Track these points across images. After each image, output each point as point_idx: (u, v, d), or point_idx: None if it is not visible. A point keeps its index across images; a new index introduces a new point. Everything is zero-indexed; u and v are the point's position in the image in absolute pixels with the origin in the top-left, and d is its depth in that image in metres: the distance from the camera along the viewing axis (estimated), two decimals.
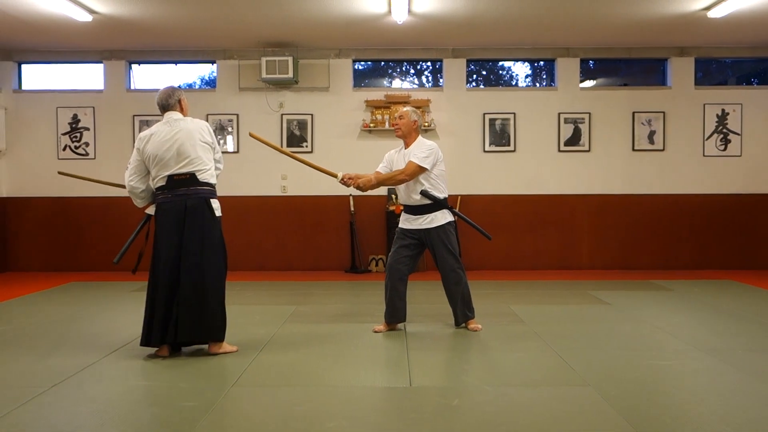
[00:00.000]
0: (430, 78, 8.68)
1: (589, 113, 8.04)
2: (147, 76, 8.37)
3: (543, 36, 7.50)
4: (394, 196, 7.64)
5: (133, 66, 8.28)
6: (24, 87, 8.28)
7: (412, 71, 8.74)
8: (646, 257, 8.04)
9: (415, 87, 8.61)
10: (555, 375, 3.48)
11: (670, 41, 7.75)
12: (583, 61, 8.22)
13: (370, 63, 8.50)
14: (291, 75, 7.53)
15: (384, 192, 7.74)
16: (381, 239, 7.97)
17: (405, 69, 8.70)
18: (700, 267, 7.99)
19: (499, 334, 4.44)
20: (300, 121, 8.05)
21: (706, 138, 8.07)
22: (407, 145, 4.52)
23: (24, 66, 8.28)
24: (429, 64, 8.55)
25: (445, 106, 8.03)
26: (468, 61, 8.15)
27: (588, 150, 8.06)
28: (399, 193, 4.62)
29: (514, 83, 8.67)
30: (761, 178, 8.06)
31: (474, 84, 8.53)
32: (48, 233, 8.11)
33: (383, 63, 8.54)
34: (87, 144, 8.11)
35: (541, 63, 8.51)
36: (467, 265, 4.73)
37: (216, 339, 3.87)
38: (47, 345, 4.18)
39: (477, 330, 4.52)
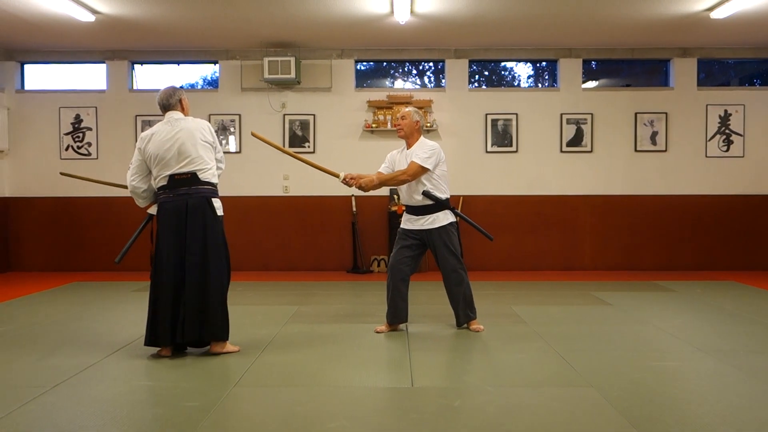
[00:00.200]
0: (432, 78, 8.68)
1: (592, 114, 8.04)
2: (149, 76, 8.38)
3: (545, 37, 7.50)
4: (396, 196, 7.64)
5: (136, 66, 8.29)
6: (27, 87, 8.30)
7: (414, 72, 8.74)
8: (648, 258, 8.03)
9: (418, 87, 8.61)
10: (557, 376, 3.48)
11: (672, 42, 7.74)
12: (586, 62, 8.21)
13: (372, 63, 8.50)
14: (293, 75, 7.54)
15: (386, 192, 7.74)
16: (383, 240, 7.97)
17: (407, 69, 8.70)
18: (702, 268, 7.98)
19: (501, 334, 4.44)
20: (302, 122, 8.05)
21: (708, 139, 8.06)
22: (409, 146, 4.52)
23: (27, 66, 8.30)
24: (431, 64, 8.55)
25: (448, 106, 8.03)
26: (470, 62, 8.15)
27: (590, 151, 8.05)
28: (401, 194, 4.62)
29: (516, 84, 8.67)
30: (764, 179, 8.05)
31: (476, 84, 8.53)
32: (50, 233, 8.13)
33: (385, 63, 8.54)
34: (89, 144, 8.13)
35: (544, 64, 8.50)
36: (469, 266, 4.73)
37: (218, 338, 3.87)
38: (49, 345, 4.19)
39: (479, 331, 4.51)
